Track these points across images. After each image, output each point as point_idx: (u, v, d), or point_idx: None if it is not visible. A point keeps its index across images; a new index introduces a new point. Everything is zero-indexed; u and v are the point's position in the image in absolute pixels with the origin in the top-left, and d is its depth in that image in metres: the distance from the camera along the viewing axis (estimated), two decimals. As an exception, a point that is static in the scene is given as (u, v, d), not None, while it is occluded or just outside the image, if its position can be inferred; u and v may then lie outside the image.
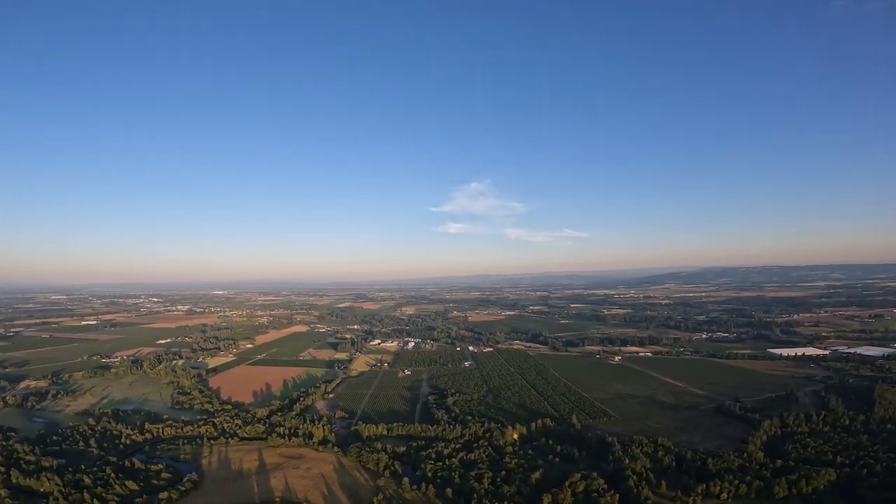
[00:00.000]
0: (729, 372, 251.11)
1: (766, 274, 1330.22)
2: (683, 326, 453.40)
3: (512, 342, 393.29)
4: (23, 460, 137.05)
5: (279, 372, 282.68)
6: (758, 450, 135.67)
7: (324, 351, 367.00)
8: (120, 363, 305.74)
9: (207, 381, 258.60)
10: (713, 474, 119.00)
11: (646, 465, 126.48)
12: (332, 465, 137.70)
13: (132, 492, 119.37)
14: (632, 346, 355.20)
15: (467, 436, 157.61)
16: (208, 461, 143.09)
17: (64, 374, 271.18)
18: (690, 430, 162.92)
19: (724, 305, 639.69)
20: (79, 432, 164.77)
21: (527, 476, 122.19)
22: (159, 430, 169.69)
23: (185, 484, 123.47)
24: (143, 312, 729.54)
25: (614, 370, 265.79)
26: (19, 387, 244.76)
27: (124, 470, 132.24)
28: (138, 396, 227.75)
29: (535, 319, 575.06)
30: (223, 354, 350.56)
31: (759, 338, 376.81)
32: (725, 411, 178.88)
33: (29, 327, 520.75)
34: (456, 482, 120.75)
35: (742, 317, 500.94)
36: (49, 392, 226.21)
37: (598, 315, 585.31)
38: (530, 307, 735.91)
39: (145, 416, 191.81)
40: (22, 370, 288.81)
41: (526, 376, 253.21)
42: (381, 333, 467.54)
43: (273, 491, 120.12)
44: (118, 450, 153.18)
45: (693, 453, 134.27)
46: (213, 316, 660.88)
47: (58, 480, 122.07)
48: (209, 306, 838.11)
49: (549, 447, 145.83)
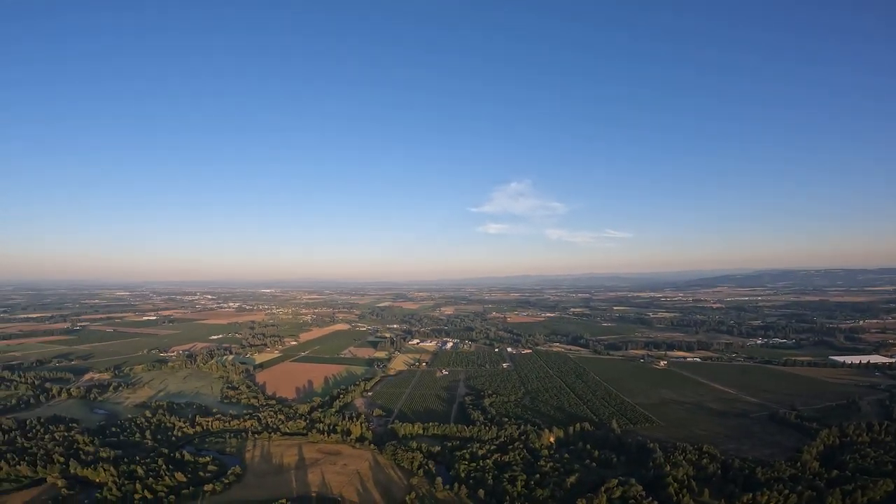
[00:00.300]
0: (786, 379, 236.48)
1: (829, 277, 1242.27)
2: (737, 331, 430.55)
3: (551, 344, 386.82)
4: (82, 451, 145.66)
5: (321, 369, 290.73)
6: (812, 459, 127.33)
7: (364, 349, 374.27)
8: (176, 358, 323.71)
9: (254, 377, 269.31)
10: (761, 483, 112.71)
11: (689, 472, 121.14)
12: (367, 462, 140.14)
13: (180, 483, 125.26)
14: (679, 350, 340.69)
15: (503, 437, 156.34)
16: (251, 455, 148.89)
17: (125, 368, 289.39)
18: (740, 438, 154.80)
19: (782, 310, 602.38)
20: (136, 424, 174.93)
21: (561, 480, 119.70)
22: (208, 424, 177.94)
23: (229, 477, 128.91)
24: (197, 309, 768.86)
25: (659, 375, 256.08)
26: (83, 379, 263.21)
27: (174, 462, 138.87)
28: (191, 390, 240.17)
29: (575, 322, 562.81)
30: (269, 351, 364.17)
31: (820, 344, 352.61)
32: (780, 419, 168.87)
33: (94, 322, 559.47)
34: (489, 484, 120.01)
35: (802, 322, 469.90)
36: (111, 384, 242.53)
37: (643, 318, 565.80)
38: (571, 309, 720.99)
39: (197, 409, 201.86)
40: (86, 363, 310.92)
41: (565, 379, 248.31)
42: (419, 333, 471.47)
43: (310, 486, 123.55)
44: (170, 442, 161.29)
45: (741, 462, 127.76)
46: (261, 313, 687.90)
47: (113, 471, 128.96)
48: (257, 304, 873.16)
49: (587, 452, 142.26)
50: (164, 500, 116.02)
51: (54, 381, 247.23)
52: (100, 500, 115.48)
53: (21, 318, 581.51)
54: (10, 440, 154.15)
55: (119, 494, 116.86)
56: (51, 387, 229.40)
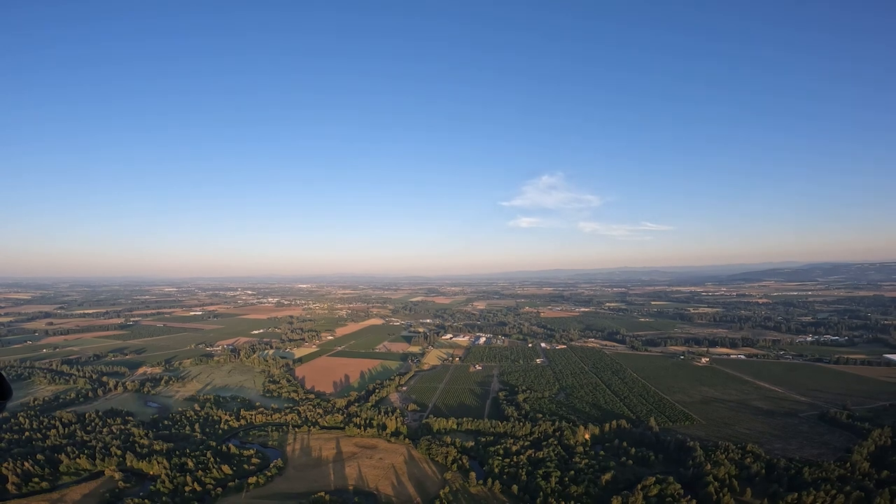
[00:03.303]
0: (837, 378, 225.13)
1: (885, 271, 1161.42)
2: (784, 328, 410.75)
3: (586, 340, 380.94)
4: (137, 444, 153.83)
5: (357, 363, 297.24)
6: (863, 460, 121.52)
7: (398, 344, 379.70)
8: (221, 352, 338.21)
9: (293, 371, 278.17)
10: (807, 483, 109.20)
11: (730, 471, 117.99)
12: (402, 456, 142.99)
13: (226, 476, 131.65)
14: (722, 347, 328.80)
15: (537, 433, 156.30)
16: (292, 448, 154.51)
17: (175, 362, 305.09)
18: (786, 437, 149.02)
19: (833, 306, 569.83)
20: (185, 417, 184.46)
21: (596, 477, 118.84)
22: (252, 417, 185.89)
23: (272, 469, 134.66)
24: (239, 304, 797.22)
25: (700, 372, 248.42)
26: (137, 373, 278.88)
27: (221, 454, 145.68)
28: (235, 384, 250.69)
29: (611, 317, 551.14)
30: (307, 345, 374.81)
31: (874, 342, 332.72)
32: (830, 419, 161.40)
33: (146, 317, 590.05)
34: (523, 479, 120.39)
35: (856, 318, 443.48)
36: (162, 378, 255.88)
37: (683, 313, 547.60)
38: (606, 304, 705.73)
39: (241, 402, 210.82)
40: (140, 357, 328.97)
41: (601, 375, 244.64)
42: (452, 328, 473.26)
43: (347, 479, 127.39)
44: (217, 435, 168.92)
45: (787, 461, 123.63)
46: (299, 308, 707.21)
47: (165, 464, 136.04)
48: (295, 299, 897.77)
49: (623, 449, 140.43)
50: (211, 492, 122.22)
51: (110, 375, 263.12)
52: (154, 492, 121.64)
53: (78, 314, 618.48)
54: (71, 433, 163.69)
55: (171, 486, 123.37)
56: (107, 380, 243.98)
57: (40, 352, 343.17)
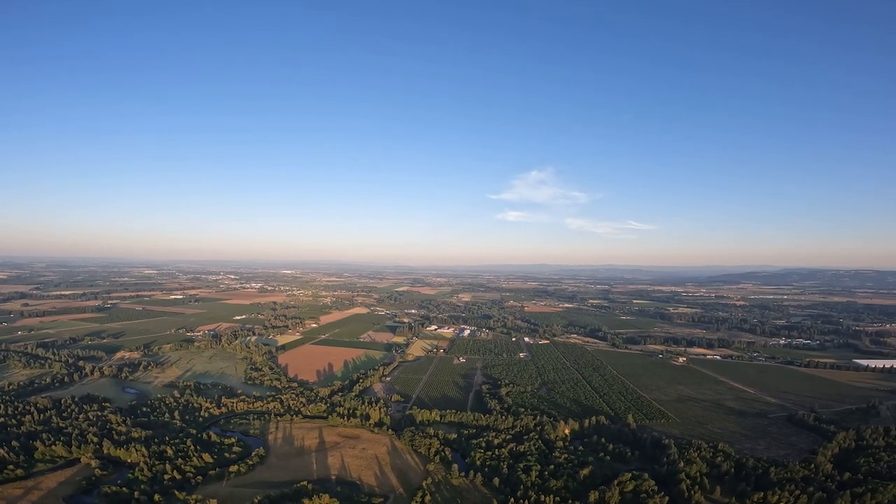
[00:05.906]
0: (806, 381, 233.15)
1: (858, 278, 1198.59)
2: (759, 330, 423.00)
3: (569, 335, 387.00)
4: (115, 431, 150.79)
5: (341, 352, 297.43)
6: (826, 461, 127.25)
7: (383, 334, 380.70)
8: (202, 337, 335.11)
9: (276, 358, 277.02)
10: (773, 483, 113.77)
11: (702, 469, 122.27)
12: (385, 447, 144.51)
13: (207, 464, 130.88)
14: (699, 347, 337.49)
15: (518, 427, 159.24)
16: (274, 437, 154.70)
17: (154, 347, 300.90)
18: (755, 437, 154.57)
19: (808, 310, 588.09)
20: (165, 404, 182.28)
21: (575, 472, 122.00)
22: (233, 405, 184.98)
23: (253, 458, 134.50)
24: (221, 289, 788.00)
25: (677, 371, 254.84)
26: (115, 357, 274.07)
27: (202, 442, 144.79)
28: (216, 370, 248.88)
29: (594, 313, 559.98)
30: (291, 332, 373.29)
31: (845, 347, 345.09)
32: (797, 421, 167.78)
33: (124, 300, 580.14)
34: (504, 472, 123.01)
35: (828, 324, 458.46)
36: (140, 363, 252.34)
37: (663, 313, 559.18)
38: (590, 300, 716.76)
39: (222, 390, 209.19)
40: (118, 341, 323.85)
41: (582, 371, 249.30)
42: (437, 319, 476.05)
43: (330, 469, 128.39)
44: (197, 422, 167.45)
45: (755, 461, 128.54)
46: (282, 295, 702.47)
47: (144, 451, 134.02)
48: (279, 285, 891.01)
49: (601, 445, 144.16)
50: (191, 480, 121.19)
51: (87, 360, 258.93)
52: (131, 480, 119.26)
53: (54, 295, 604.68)
54: (46, 420, 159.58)
55: (150, 475, 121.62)
56: (84, 365, 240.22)
57: (15, 334, 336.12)
